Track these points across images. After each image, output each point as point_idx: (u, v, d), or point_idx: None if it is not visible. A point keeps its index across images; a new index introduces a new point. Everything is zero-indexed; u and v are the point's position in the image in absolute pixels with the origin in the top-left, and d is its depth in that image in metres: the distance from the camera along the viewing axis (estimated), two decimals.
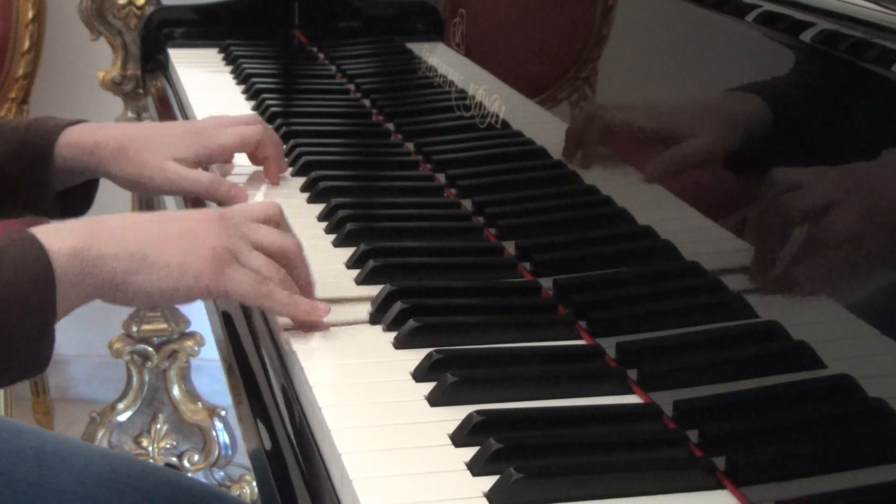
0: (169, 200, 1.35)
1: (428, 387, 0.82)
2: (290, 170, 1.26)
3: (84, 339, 2.49)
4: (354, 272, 1.01)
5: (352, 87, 1.58)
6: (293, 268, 0.90)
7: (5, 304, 0.76)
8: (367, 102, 1.51)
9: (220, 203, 1.13)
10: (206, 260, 0.84)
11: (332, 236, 1.09)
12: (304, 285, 0.91)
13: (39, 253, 0.78)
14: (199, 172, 1.14)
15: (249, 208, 0.93)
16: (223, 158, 1.20)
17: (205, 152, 1.14)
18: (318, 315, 0.89)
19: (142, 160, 1.11)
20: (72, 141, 1.12)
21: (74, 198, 1.16)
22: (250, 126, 1.19)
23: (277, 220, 0.93)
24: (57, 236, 0.80)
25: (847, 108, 0.74)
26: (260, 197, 1.19)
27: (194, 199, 1.21)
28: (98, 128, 1.14)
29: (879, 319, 0.68)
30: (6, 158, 1.11)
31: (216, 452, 2.18)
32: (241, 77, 1.61)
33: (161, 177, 1.11)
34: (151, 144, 1.12)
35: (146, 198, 2.12)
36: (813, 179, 0.75)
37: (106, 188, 1.19)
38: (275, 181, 1.22)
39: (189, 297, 0.85)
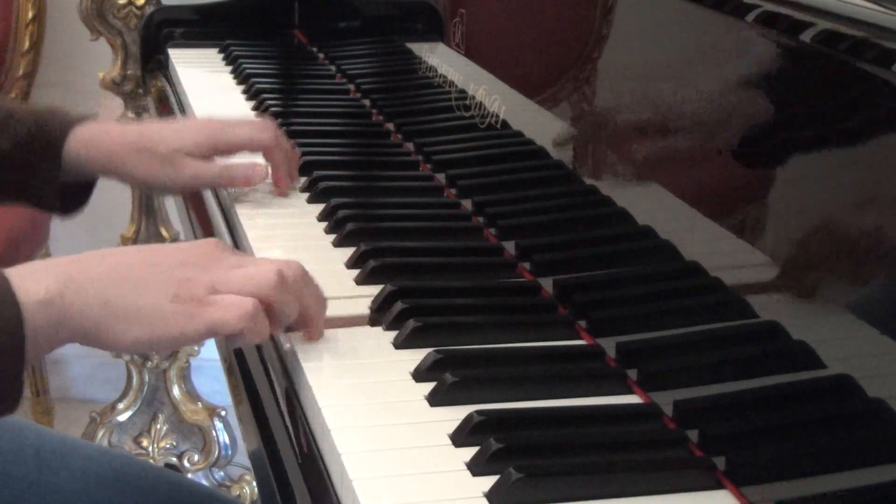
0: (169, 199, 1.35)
1: (428, 387, 0.82)
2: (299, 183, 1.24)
3: None
4: (354, 272, 1.01)
5: (352, 87, 1.58)
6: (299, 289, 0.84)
7: None
8: (367, 102, 1.51)
9: (241, 185, 1.15)
10: (177, 301, 0.78)
11: (333, 236, 1.09)
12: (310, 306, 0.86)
13: (12, 303, 0.75)
14: (214, 164, 1.14)
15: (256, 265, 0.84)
16: (228, 154, 1.19)
17: (211, 144, 1.14)
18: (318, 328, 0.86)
19: (159, 160, 1.12)
20: (85, 140, 1.12)
21: (74, 193, 1.16)
22: (262, 133, 1.18)
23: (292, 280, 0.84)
24: (32, 280, 0.77)
25: (847, 108, 0.74)
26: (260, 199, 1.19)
27: (195, 194, 1.21)
28: (111, 128, 1.14)
29: (879, 319, 0.68)
30: (14, 149, 1.11)
31: (216, 452, 2.18)
32: (241, 77, 1.61)
33: (179, 175, 1.12)
34: (166, 144, 1.12)
35: (146, 195, 2.12)
36: (812, 179, 0.75)
37: (104, 185, 1.19)
38: (278, 192, 1.20)
39: (166, 346, 0.80)
